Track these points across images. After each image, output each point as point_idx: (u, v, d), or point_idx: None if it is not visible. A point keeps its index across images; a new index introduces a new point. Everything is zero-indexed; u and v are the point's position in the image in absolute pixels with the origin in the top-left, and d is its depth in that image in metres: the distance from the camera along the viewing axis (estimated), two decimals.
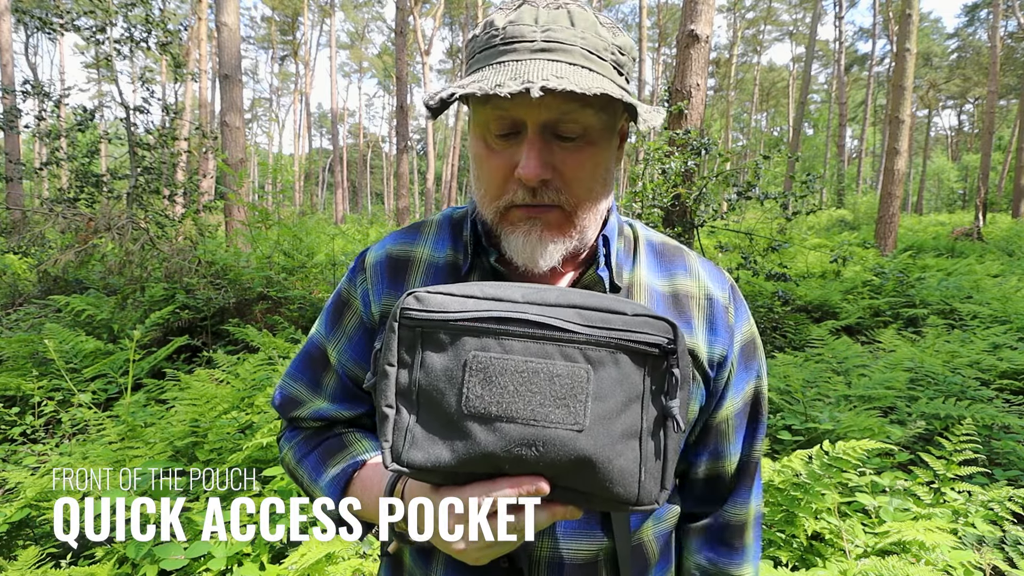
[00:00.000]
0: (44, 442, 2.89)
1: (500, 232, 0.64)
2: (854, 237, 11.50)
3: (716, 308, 0.70)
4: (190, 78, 15.87)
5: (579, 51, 0.57)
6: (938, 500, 2.11)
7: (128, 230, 5.07)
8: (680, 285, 0.71)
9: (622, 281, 0.68)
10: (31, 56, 29.54)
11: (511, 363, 0.47)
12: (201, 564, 1.71)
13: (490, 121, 0.60)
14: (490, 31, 0.60)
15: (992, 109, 19.00)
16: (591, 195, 0.63)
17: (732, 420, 0.72)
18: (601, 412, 0.47)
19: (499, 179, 0.61)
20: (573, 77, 0.54)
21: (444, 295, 0.51)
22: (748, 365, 0.73)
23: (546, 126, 0.58)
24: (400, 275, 0.71)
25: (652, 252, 0.73)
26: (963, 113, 47.86)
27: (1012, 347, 4.13)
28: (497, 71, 0.56)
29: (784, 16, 42.86)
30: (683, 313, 0.69)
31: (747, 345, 0.73)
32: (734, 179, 5.57)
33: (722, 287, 0.72)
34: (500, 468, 0.48)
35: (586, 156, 0.60)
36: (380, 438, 0.50)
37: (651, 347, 0.49)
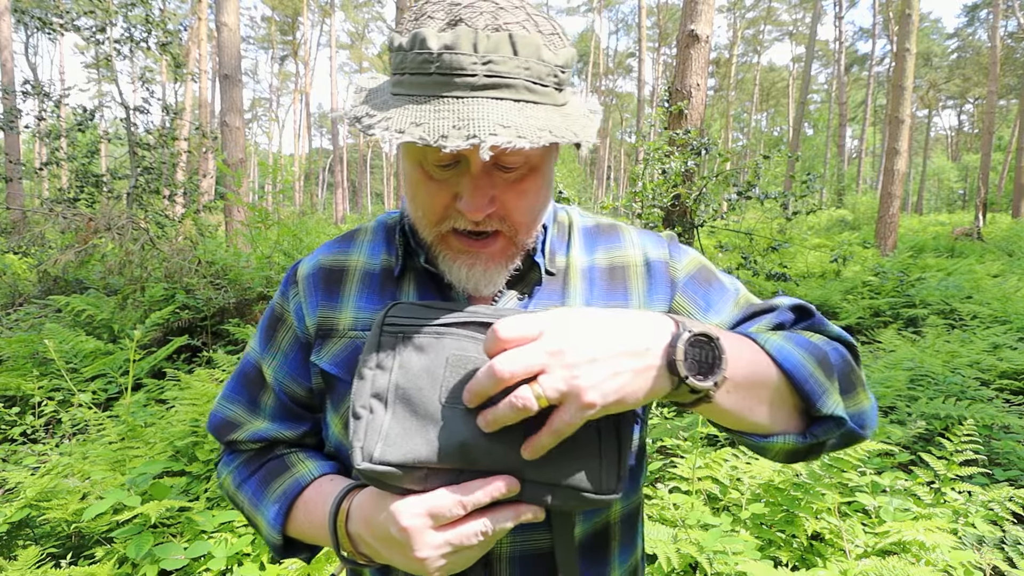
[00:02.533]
0: (44, 442, 2.89)
1: (439, 255, 0.63)
2: (854, 237, 11.50)
3: (655, 269, 0.70)
4: (190, 78, 15.88)
5: (522, 84, 0.54)
6: (938, 500, 2.11)
7: (128, 230, 5.07)
8: (617, 257, 0.71)
9: (555, 264, 0.69)
10: (31, 56, 29.55)
11: (484, 360, 0.50)
12: (201, 564, 1.71)
13: (428, 152, 0.57)
14: (424, 53, 0.53)
15: (992, 109, 19.00)
16: (534, 217, 0.62)
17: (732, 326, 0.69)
18: None
19: (439, 207, 0.60)
20: (518, 121, 0.51)
21: (425, 307, 0.55)
22: (711, 287, 0.71)
23: (489, 160, 0.56)
24: (335, 285, 0.70)
25: (586, 234, 0.74)
26: (963, 113, 47.87)
27: (1012, 347, 4.13)
28: (437, 111, 0.52)
29: (784, 16, 42.88)
30: (620, 283, 0.69)
31: (697, 272, 0.71)
32: (734, 179, 5.57)
33: (660, 246, 0.72)
34: (474, 462, 0.50)
35: (529, 183, 0.59)
36: (352, 439, 0.51)
37: None
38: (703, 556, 1.63)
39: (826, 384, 0.55)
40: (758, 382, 0.53)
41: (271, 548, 0.70)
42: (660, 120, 5.89)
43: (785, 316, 0.67)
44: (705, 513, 1.89)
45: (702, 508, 1.94)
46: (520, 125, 0.51)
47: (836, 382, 0.56)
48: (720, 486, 2.19)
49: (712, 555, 1.64)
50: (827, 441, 0.57)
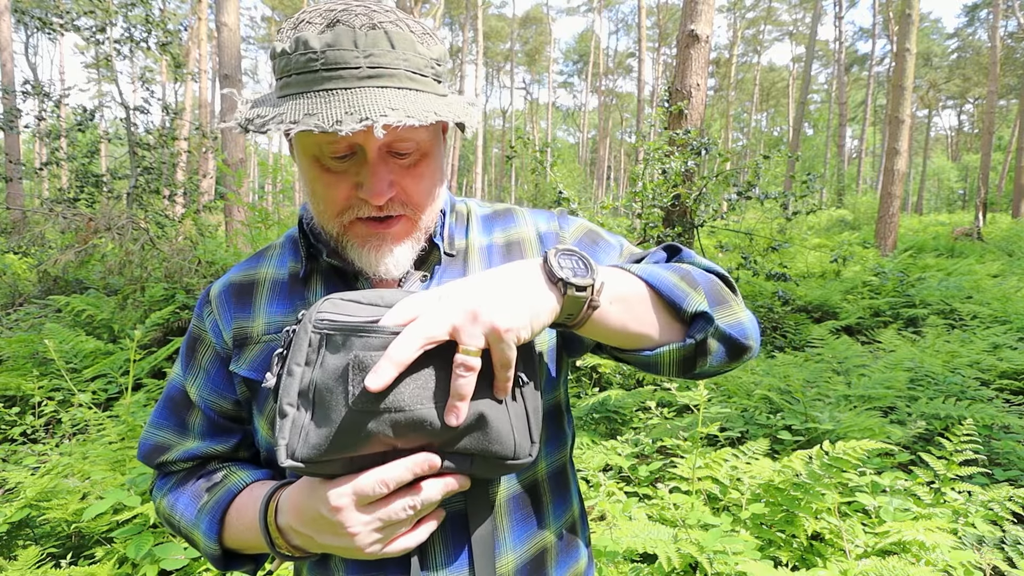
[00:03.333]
0: (44, 442, 2.89)
1: (346, 244, 0.66)
2: (854, 237, 11.50)
3: (547, 238, 0.76)
4: (190, 78, 15.87)
5: (403, 73, 0.58)
6: (938, 500, 2.11)
7: (128, 230, 5.07)
8: (513, 235, 0.76)
9: (454, 248, 0.73)
10: (31, 56, 29.55)
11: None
12: (201, 564, 1.71)
13: (323, 144, 0.60)
14: (307, 53, 0.56)
15: (992, 109, 19.01)
16: (431, 199, 0.66)
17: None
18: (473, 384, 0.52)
19: (341, 199, 0.62)
20: (405, 105, 0.55)
21: (353, 302, 0.56)
22: (597, 245, 0.76)
23: (383, 147, 0.60)
24: (246, 297, 0.72)
25: (484, 220, 0.78)
26: (963, 113, 47.87)
27: (1012, 347, 4.13)
28: (327, 102, 0.55)
29: (784, 16, 42.89)
30: (516, 256, 0.74)
31: (584, 236, 0.77)
32: (734, 179, 5.58)
33: (550, 220, 0.78)
34: (393, 445, 0.52)
35: (423, 167, 0.64)
36: (278, 436, 0.52)
37: None
38: (703, 556, 1.63)
39: (688, 290, 0.61)
40: (633, 295, 0.59)
41: (211, 561, 0.70)
42: (660, 120, 5.89)
43: (658, 256, 0.72)
44: (705, 513, 1.89)
45: (702, 508, 1.94)
46: (407, 108, 0.55)
47: (701, 291, 0.62)
48: (720, 486, 2.19)
49: (712, 555, 1.64)
50: (709, 345, 0.61)
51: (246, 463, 0.75)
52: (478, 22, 31.28)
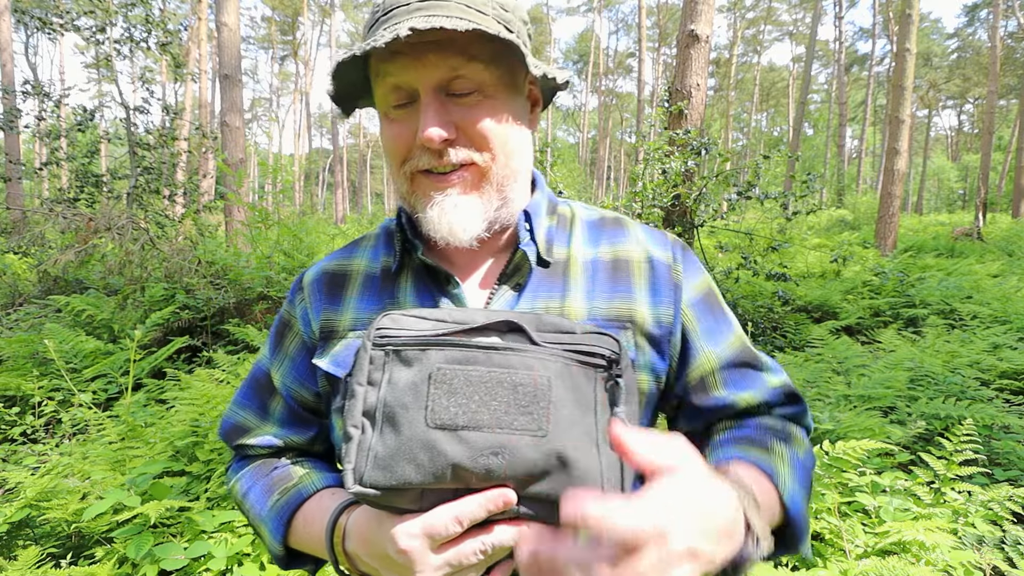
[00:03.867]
0: (44, 442, 2.89)
1: (416, 206, 0.63)
2: (854, 237, 11.50)
3: (658, 269, 0.68)
4: (190, 78, 15.87)
5: (455, 5, 0.56)
6: (938, 500, 2.11)
7: (128, 230, 5.07)
8: (620, 251, 0.69)
9: (552, 256, 0.67)
10: (31, 56, 29.54)
11: (475, 374, 0.48)
12: (201, 564, 1.71)
13: (386, 94, 0.60)
14: (373, 11, 0.61)
15: (992, 109, 19.00)
16: (501, 147, 0.61)
17: (719, 374, 0.67)
18: (561, 418, 0.48)
19: (402, 147, 0.61)
20: (443, 20, 0.53)
21: (416, 317, 0.53)
22: (716, 317, 0.70)
23: (439, 87, 0.58)
24: (337, 289, 0.70)
25: (590, 226, 0.72)
26: (963, 113, 47.86)
27: (1012, 347, 4.13)
28: (375, 35, 0.55)
29: (784, 16, 42.87)
30: (622, 278, 0.67)
31: (705, 297, 0.70)
32: (734, 179, 5.57)
33: (664, 247, 0.70)
34: (467, 482, 0.48)
35: (485, 110, 0.59)
36: (345, 460, 0.50)
37: (599, 359, 0.51)
38: None
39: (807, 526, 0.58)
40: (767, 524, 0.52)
41: (275, 559, 0.70)
42: (660, 120, 5.89)
43: (775, 397, 0.68)
44: None
45: None
46: (446, 22, 0.53)
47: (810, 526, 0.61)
48: None
49: None
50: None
51: (319, 461, 0.74)
52: None
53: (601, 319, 0.64)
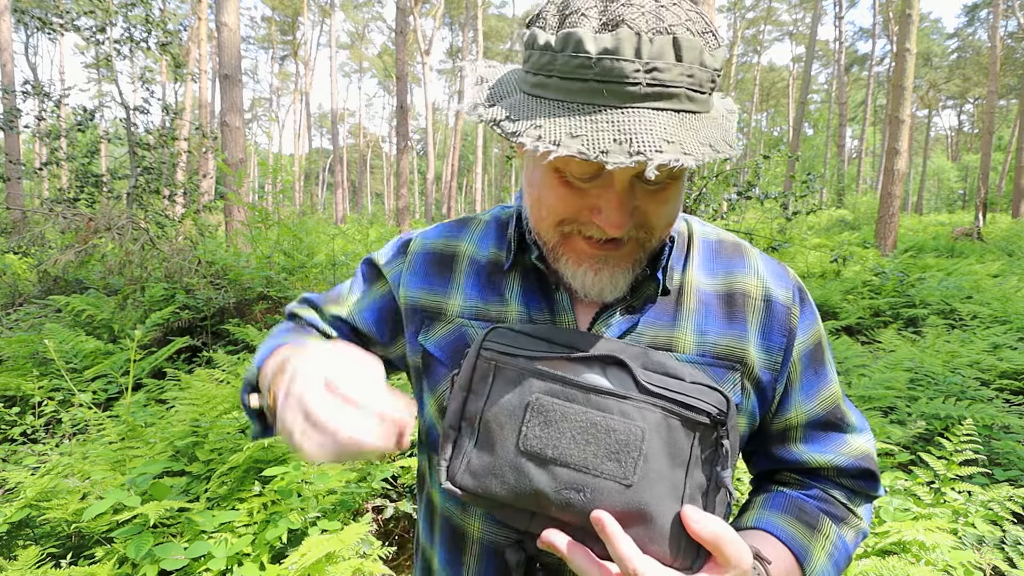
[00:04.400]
0: (44, 442, 2.89)
1: (560, 258, 0.60)
2: (854, 237, 11.50)
3: (775, 310, 0.64)
4: (190, 78, 15.87)
5: (684, 93, 0.49)
6: (938, 500, 2.11)
7: (128, 230, 5.07)
8: (737, 284, 0.65)
9: (672, 283, 0.64)
10: (31, 56, 29.54)
11: (571, 411, 0.49)
12: (201, 564, 1.71)
13: (574, 161, 0.53)
14: (579, 57, 0.48)
15: (992, 109, 19.00)
16: (670, 223, 0.59)
17: (801, 430, 0.67)
18: (649, 471, 0.48)
19: (572, 213, 0.56)
20: (681, 136, 0.47)
21: (524, 335, 0.55)
22: (818, 371, 0.67)
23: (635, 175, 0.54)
24: (445, 270, 0.71)
25: (708, 250, 0.68)
26: (963, 113, 47.87)
27: (1012, 347, 4.13)
28: (595, 123, 0.47)
29: (784, 16, 42.88)
30: (737, 314, 0.64)
31: (814, 349, 0.67)
32: (734, 179, 5.58)
33: (785, 287, 0.66)
34: (546, 510, 0.50)
35: (670, 195, 0.56)
36: (440, 454, 0.53)
37: (704, 415, 0.50)
38: None
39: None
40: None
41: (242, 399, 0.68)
42: None
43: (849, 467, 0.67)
44: None
45: None
46: (683, 140, 0.47)
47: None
48: None
49: None
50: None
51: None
52: (478, 22, 31.26)
53: (711, 355, 0.62)
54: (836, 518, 0.65)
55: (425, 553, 0.73)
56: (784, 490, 0.67)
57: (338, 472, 2.06)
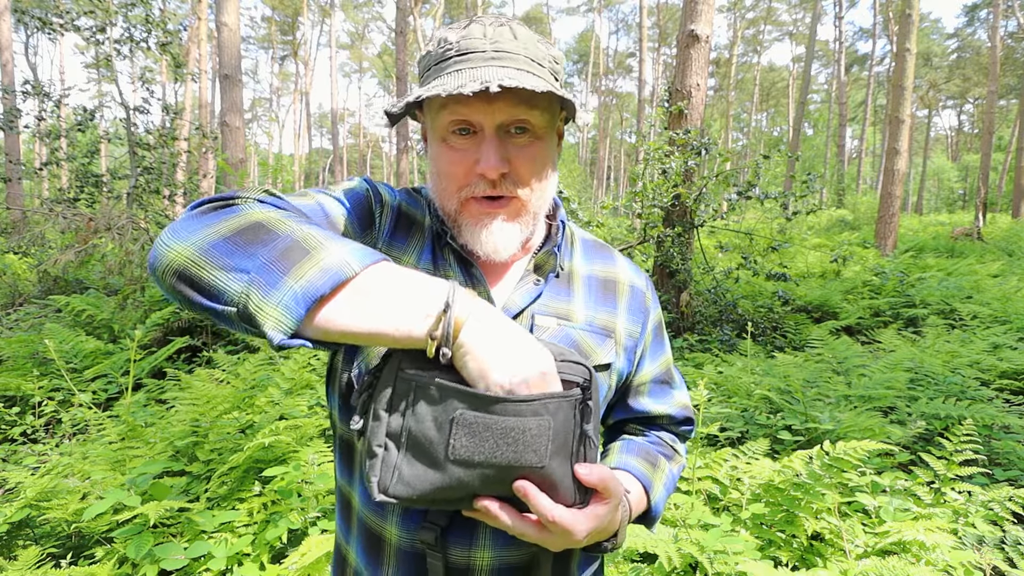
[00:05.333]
0: (44, 442, 2.89)
1: (461, 224, 0.71)
2: (854, 237, 11.50)
3: (636, 295, 0.84)
4: (190, 78, 15.87)
5: (523, 59, 0.67)
6: (938, 500, 2.11)
7: (128, 230, 5.07)
8: (610, 272, 0.84)
9: (563, 266, 0.80)
10: (31, 56, 29.54)
11: (491, 421, 0.56)
12: (201, 564, 1.71)
13: (449, 124, 0.67)
14: (444, 46, 0.68)
15: (992, 109, 19.00)
16: (540, 184, 0.72)
17: (647, 385, 0.87)
18: (553, 450, 0.58)
19: (461, 173, 0.69)
20: (520, 78, 0.62)
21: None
22: (660, 341, 0.89)
23: (501, 126, 0.67)
24: (407, 230, 0.76)
25: (586, 245, 0.86)
26: (963, 113, 47.85)
27: (1012, 347, 4.13)
28: (456, 77, 0.64)
29: (784, 16, 42.87)
30: (611, 295, 0.82)
31: (658, 326, 0.88)
32: (734, 179, 5.57)
33: (641, 278, 0.87)
34: (476, 496, 0.59)
35: (536, 150, 0.69)
36: (369, 473, 0.57)
37: (576, 387, 0.61)
38: (704, 556, 1.63)
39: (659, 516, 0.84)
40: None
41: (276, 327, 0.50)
42: (660, 120, 5.89)
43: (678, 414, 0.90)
44: (705, 513, 1.89)
45: (702, 508, 1.94)
46: (522, 80, 0.61)
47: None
48: (720, 486, 2.19)
49: (712, 555, 1.64)
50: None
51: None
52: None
53: (595, 325, 0.78)
54: (667, 457, 0.86)
55: (341, 548, 0.79)
56: (632, 438, 0.87)
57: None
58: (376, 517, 0.71)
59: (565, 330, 0.74)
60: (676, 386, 0.91)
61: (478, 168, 0.67)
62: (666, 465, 0.85)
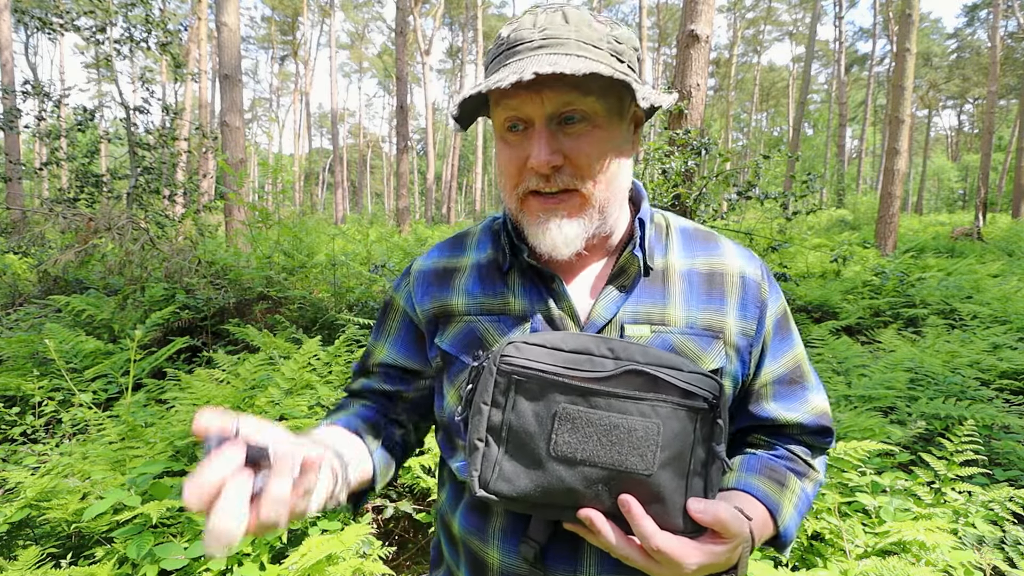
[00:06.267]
0: (44, 442, 2.89)
1: (524, 223, 0.69)
2: (854, 237, 11.49)
3: (749, 286, 0.74)
4: (190, 78, 15.87)
5: (574, 43, 0.62)
6: (938, 500, 2.11)
7: (128, 230, 5.06)
8: (716, 264, 0.74)
9: (654, 263, 0.72)
10: (31, 56, 29.52)
11: (595, 417, 0.55)
12: (201, 564, 1.71)
13: (503, 121, 0.65)
14: (498, 43, 0.66)
15: (992, 109, 18.99)
16: (604, 174, 0.66)
17: (771, 387, 0.76)
18: (665, 458, 0.55)
19: (514, 169, 0.66)
20: (561, 63, 0.58)
21: (538, 347, 0.58)
22: (784, 337, 0.77)
23: (552, 117, 0.63)
24: (447, 278, 0.77)
25: (685, 236, 0.77)
26: (963, 113, 47.85)
27: (1012, 347, 4.13)
28: (500, 72, 0.61)
29: (784, 16, 42.85)
30: (717, 290, 0.72)
31: (781, 319, 0.77)
32: (734, 179, 5.57)
33: (755, 266, 0.76)
34: (578, 501, 0.56)
35: (592, 139, 0.64)
36: (471, 467, 0.57)
37: (702, 401, 0.57)
38: None
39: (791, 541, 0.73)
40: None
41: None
42: (660, 120, 5.89)
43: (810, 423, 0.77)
44: None
45: None
46: (565, 65, 0.57)
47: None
48: None
49: None
50: None
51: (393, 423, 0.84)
52: (478, 22, 31.24)
53: (697, 326, 0.70)
54: (799, 474, 0.75)
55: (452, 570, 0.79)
56: (756, 452, 0.77)
57: None
58: (478, 541, 0.70)
59: (661, 336, 0.68)
60: (810, 387, 0.78)
61: (530, 163, 0.64)
62: (797, 484, 0.73)
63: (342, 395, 0.92)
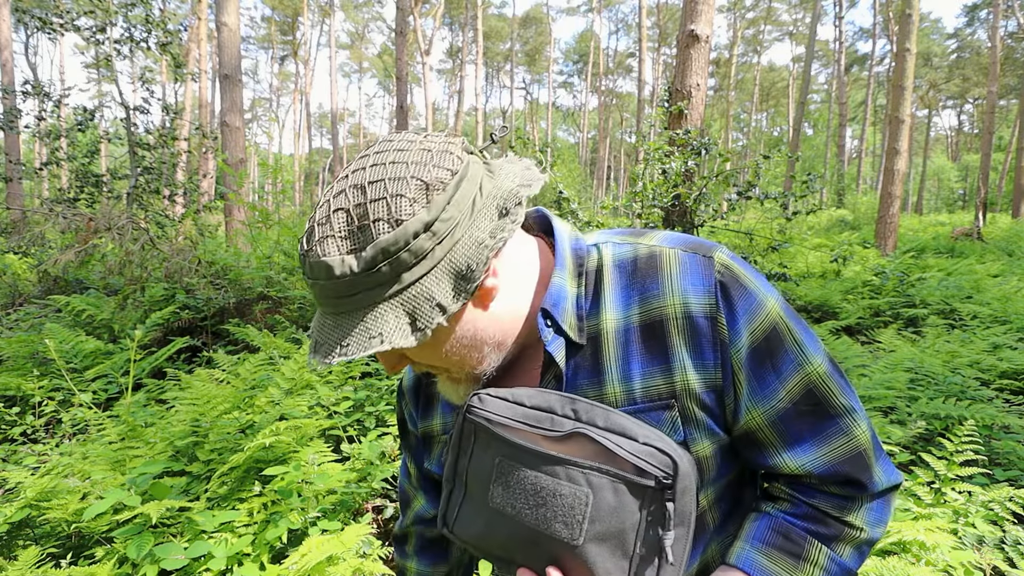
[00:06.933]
0: (44, 442, 2.89)
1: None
2: (854, 237, 11.50)
3: (697, 327, 0.57)
4: (190, 78, 15.88)
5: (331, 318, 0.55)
6: (938, 500, 2.11)
7: (128, 230, 5.06)
8: (654, 309, 0.59)
9: (583, 337, 0.60)
10: (31, 56, 29.52)
11: (524, 475, 0.54)
12: (201, 564, 1.71)
13: None
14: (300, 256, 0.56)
15: (992, 109, 18.99)
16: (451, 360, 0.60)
17: (767, 430, 0.60)
18: (596, 533, 0.51)
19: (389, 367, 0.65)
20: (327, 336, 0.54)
21: (498, 400, 0.59)
22: (776, 363, 0.58)
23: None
24: (428, 399, 0.79)
25: (621, 277, 0.61)
26: (963, 113, 47.86)
27: (1012, 347, 4.13)
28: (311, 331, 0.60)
29: (784, 16, 42.86)
30: (658, 345, 0.58)
31: (760, 347, 0.58)
32: (734, 179, 5.57)
33: (703, 292, 0.58)
34: (513, 556, 0.57)
35: (425, 350, 0.59)
36: (441, 503, 0.62)
37: (649, 478, 0.51)
38: None
39: None
40: None
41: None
42: (660, 120, 5.89)
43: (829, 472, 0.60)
44: None
45: None
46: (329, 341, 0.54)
47: None
48: None
49: None
50: None
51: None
52: (478, 22, 31.26)
53: (641, 401, 0.58)
54: (826, 538, 0.59)
55: None
56: (772, 511, 0.63)
57: (338, 472, 2.06)
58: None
59: None
60: (829, 418, 0.59)
61: None
62: (822, 553, 0.59)
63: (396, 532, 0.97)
